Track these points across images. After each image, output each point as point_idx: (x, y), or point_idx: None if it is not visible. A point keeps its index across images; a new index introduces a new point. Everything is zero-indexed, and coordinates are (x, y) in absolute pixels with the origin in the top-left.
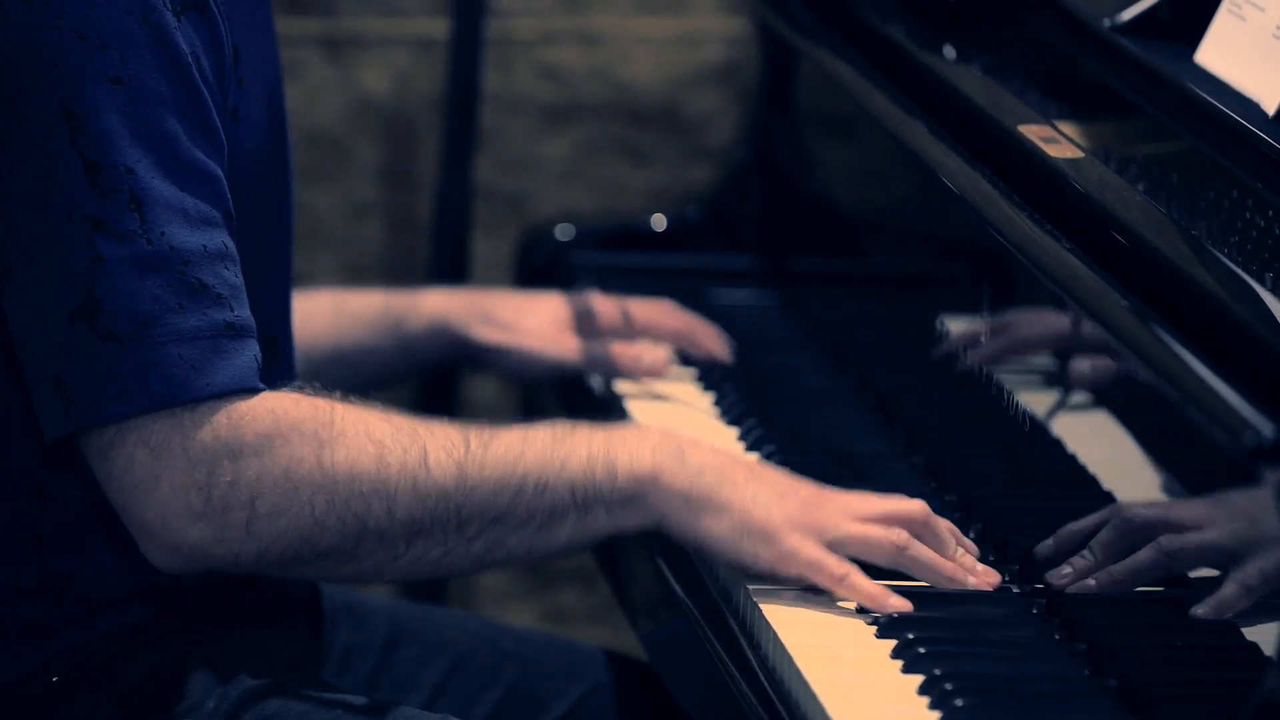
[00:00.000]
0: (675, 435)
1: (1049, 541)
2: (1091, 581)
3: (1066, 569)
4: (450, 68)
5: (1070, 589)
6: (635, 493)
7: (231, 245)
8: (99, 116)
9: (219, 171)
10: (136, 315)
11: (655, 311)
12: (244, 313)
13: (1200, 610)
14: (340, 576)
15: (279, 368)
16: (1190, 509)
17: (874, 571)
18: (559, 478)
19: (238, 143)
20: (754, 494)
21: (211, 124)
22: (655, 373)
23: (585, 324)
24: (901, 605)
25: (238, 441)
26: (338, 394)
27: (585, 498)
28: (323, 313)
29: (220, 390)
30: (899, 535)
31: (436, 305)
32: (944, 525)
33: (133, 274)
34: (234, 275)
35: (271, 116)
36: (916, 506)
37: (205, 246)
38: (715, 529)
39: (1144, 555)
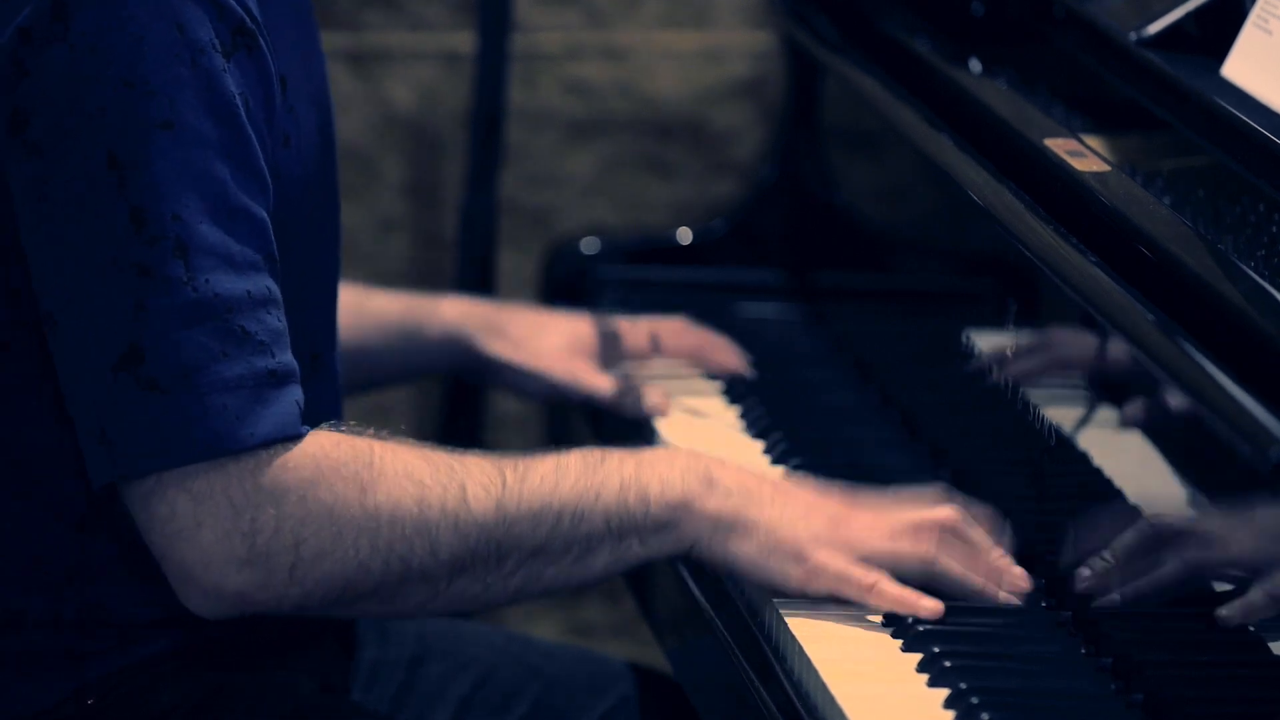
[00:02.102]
0: (702, 456)
1: (1071, 549)
2: (1116, 596)
3: (1085, 571)
4: (476, 82)
5: (1096, 603)
6: (668, 520)
7: (275, 289)
8: (146, 163)
9: (264, 214)
10: (180, 365)
11: (668, 331)
12: (285, 357)
13: (1225, 612)
14: (381, 614)
15: (322, 382)
16: (1215, 523)
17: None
18: (594, 508)
19: (289, 168)
20: (780, 512)
21: (257, 167)
22: (658, 414)
23: (597, 348)
24: (933, 607)
25: (281, 487)
26: (371, 430)
27: (620, 527)
28: (344, 309)
29: (264, 439)
30: (927, 550)
31: (453, 315)
32: (977, 531)
33: (177, 322)
34: (276, 319)
35: (322, 136)
36: (947, 514)
37: (249, 292)
38: (744, 550)
39: (1168, 569)
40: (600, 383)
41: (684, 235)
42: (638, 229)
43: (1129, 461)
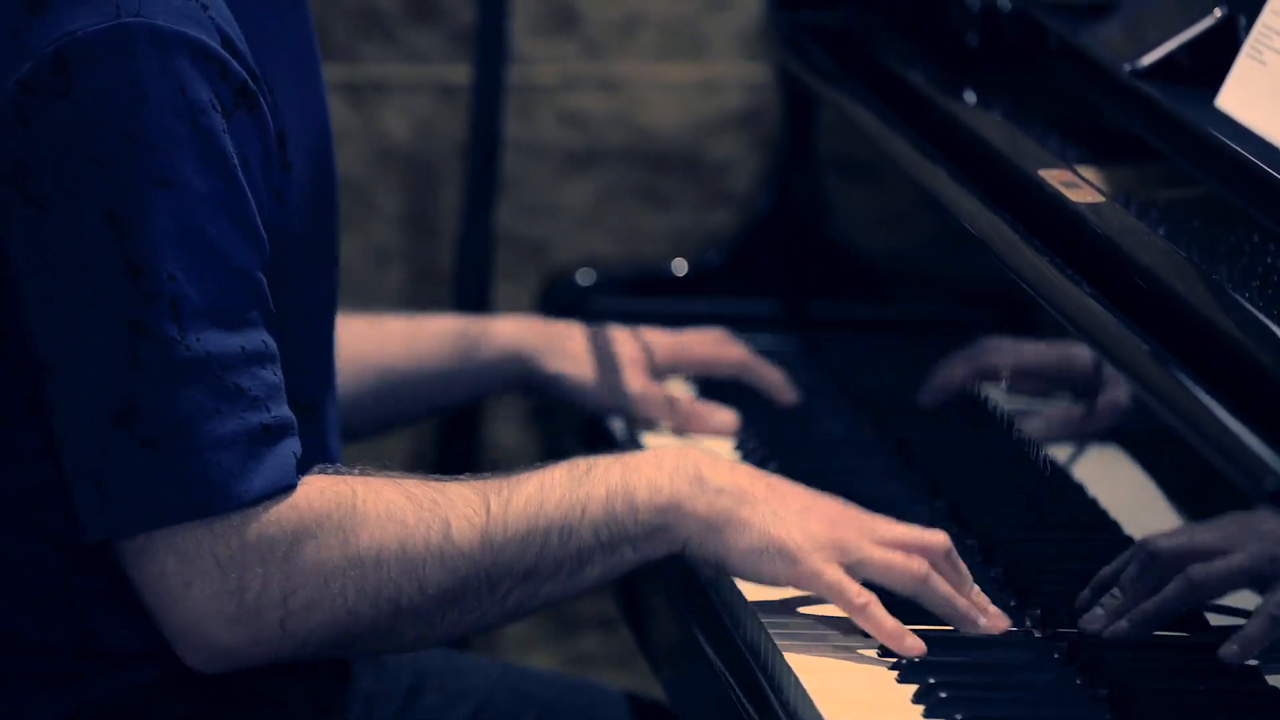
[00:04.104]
0: (692, 454)
1: (1085, 593)
2: (1124, 623)
3: (1099, 611)
4: (472, 114)
5: (1105, 632)
6: (658, 525)
7: (271, 343)
8: (144, 220)
9: (259, 272)
10: (174, 422)
11: (713, 344)
12: (281, 411)
13: (1226, 650)
14: (380, 651)
15: (314, 432)
16: (1213, 535)
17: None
18: (581, 523)
19: (282, 223)
20: (774, 511)
21: (254, 224)
22: (726, 433)
23: (650, 364)
24: (916, 646)
25: (267, 543)
26: (357, 469)
27: (610, 538)
28: (398, 337)
29: (257, 495)
30: (920, 565)
31: (510, 334)
32: (963, 565)
33: (171, 380)
34: (272, 374)
35: (320, 185)
36: (939, 539)
37: (244, 348)
38: (735, 548)
39: (1172, 589)
40: (653, 402)
41: (679, 266)
42: (633, 260)
43: (1124, 492)
